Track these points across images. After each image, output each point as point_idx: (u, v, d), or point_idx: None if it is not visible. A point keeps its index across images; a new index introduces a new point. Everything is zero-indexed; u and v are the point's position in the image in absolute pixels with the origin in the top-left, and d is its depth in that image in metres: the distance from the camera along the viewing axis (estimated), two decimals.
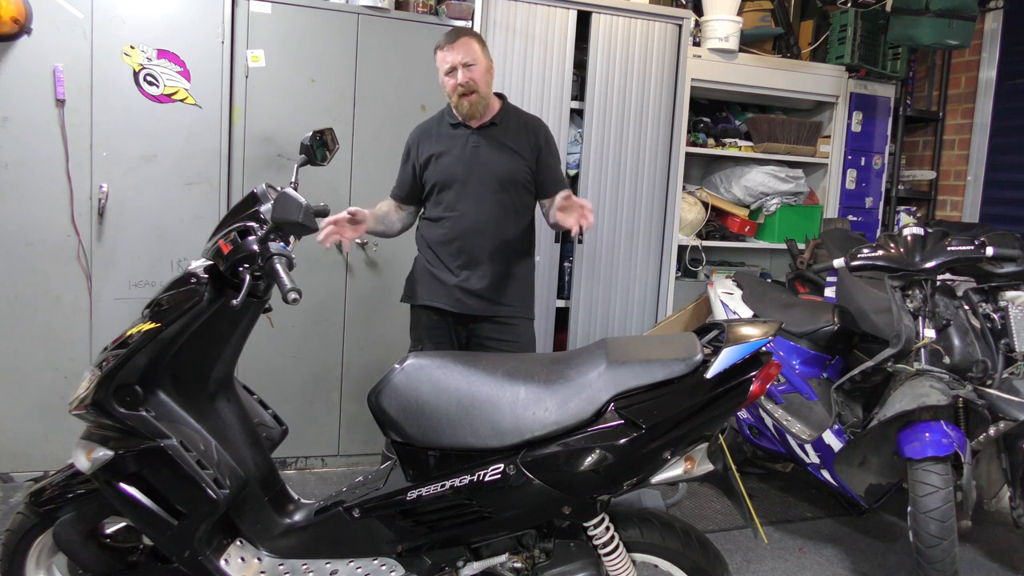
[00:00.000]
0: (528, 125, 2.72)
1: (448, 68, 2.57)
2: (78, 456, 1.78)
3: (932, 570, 2.31)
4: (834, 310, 3.13)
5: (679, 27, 3.75)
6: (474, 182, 2.63)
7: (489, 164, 2.64)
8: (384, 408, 1.73)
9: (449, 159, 2.65)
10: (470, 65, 2.55)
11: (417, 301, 2.75)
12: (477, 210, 2.63)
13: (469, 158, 2.64)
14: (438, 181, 2.66)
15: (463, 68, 2.55)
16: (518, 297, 2.74)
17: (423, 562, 1.77)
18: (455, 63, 2.55)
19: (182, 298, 1.75)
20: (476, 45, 2.60)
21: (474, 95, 2.58)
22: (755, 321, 1.79)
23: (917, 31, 3.76)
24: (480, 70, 2.58)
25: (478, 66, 2.57)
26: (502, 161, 2.64)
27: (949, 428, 2.44)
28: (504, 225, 2.67)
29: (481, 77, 2.58)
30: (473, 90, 2.57)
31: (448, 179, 2.65)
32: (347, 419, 3.46)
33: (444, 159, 2.65)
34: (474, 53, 2.57)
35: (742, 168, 4.18)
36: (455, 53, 2.55)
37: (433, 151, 2.67)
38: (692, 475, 1.69)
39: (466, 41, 2.57)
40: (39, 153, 2.93)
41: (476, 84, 2.56)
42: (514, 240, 2.71)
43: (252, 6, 3.11)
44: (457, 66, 2.55)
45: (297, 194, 1.79)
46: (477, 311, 2.67)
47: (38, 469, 2.94)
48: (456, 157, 2.64)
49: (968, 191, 4.37)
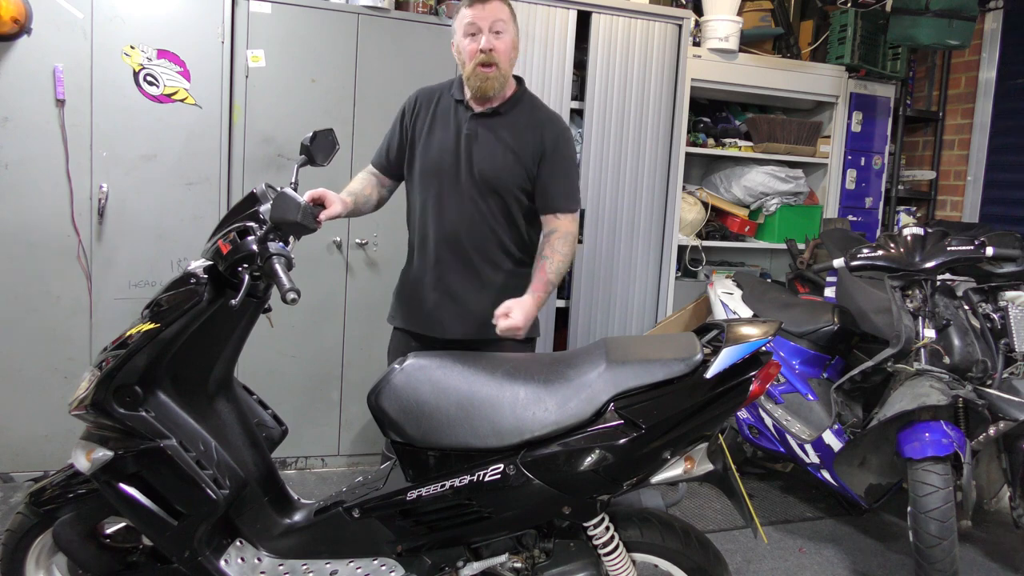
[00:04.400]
0: (538, 122, 2.26)
1: (471, 28, 2.15)
2: (78, 456, 1.78)
3: (932, 570, 2.31)
4: (834, 310, 3.13)
5: (679, 27, 3.75)
6: (460, 178, 2.23)
7: (478, 161, 2.22)
8: (384, 408, 1.73)
9: (438, 144, 2.25)
10: (499, 32, 2.14)
11: (396, 324, 2.41)
12: (460, 211, 2.24)
13: (460, 148, 2.23)
14: (423, 169, 2.28)
15: (490, 32, 2.13)
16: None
17: (423, 562, 1.77)
18: (482, 25, 2.12)
19: (182, 298, 1.75)
20: (508, 10, 2.19)
21: (494, 68, 2.14)
22: (755, 321, 1.79)
23: (917, 31, 3.76)
24: (508, 40, 2.16)
25: (507, 35, 2.16)
26: (494, 160, 2.22)
27: (949, 428, 2.44)
28: (488, 232, 2.25)
29: (507, 50, 2.16)
30: (494, 62, 2.13)
31: (433, 167, 2.26)
32: (347, 419, 3.46)
33: (434, 141, 2.26)
34: (507, 18, 2.16)
35: (742, 168, 4.18)
36: (484, 13, 2.13)
37: (425, 127, 2.28)
38: (692, 475, 1.69)
39: (498, 5, 2.15)
40: (39, 153, 2.93)
41: (499, 56, 2.14)
42: (502, 251, 2.29)
43: (252, 6, 3.11)
44: (483, 29, 2.13)
45: (296, 194, 1.79)
46: (459, 335, 2.28)
47: (38, 469, 2.94)
48: (445, 144, 2.24)
49: (968, 191, 4.37)
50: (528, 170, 2.24)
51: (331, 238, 3.29)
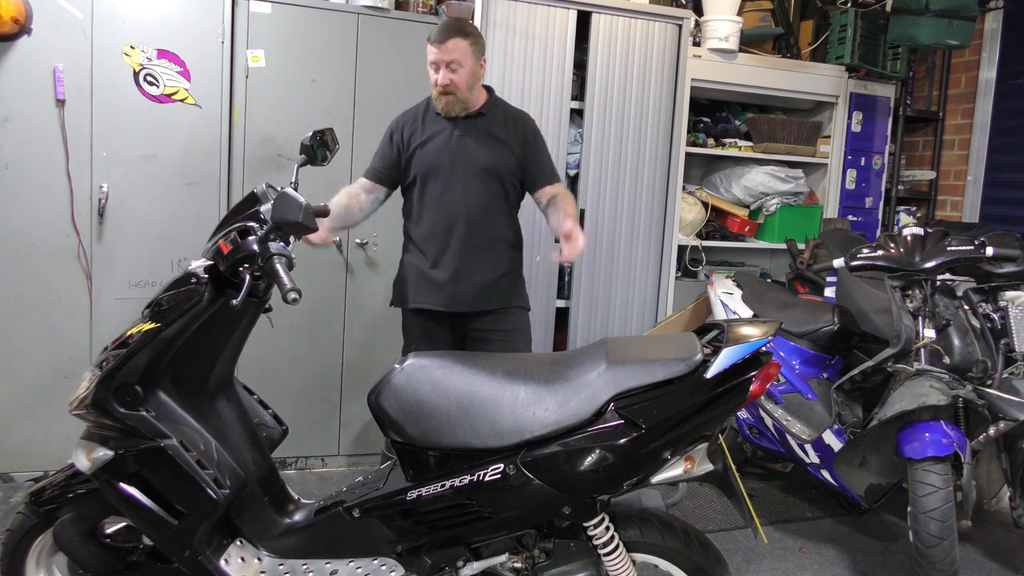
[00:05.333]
0: (515, 118, 2.69)
1: (433, 63, 2.54)
2: (78, 456, 1.78)
3: (932, 570, 2.31)
4: (834, 310, 3.13)
5: (679, 27, 3.75)
6: (459, 171, 2.59)
7: (475, 153, 2.59)
8: (384, 408, 1.73)
9: (434, 148, 2.60)
10: (454, 68, 2.51)
11: (408, 304, 2.70)
12: (465, 200, 2.59)
13: (455, 147, 2.59)
14: (422, 171, 2.61)
15: (446, 68, 2.51)
16: (510, 286, 2.71)
17: (423, 562, 1.77)
18: (439, 61, 2.52)
19: (182, 298, 1.75)
20: (466, 46, 2.53)
21: (451, 96, 2.54)
22: (755, 321, 1.79)
23: (917, 31, 3.76)
24: (464, 73, 2.53)
25: (463, 70, 2.53)
26: (488, 151, 2.60)
27: (949, 428, 2.44)
28: (491, 216, 2.63)
29: (463, 81, 2.53)
30: (452, 92, 2.53)
31: (433, 168, 2.60)
32: (347, 419, 3.46)
33: (429, 147, 2.61)
34: (461, 55, 2.52)
35: (742, 168, 4.18)
36: (441, 53, 2.50)
37: (419, 139, 2.62)
38: (692, 475, 1.69)
39: (456, 43, 2.51)
40: (39, 153, 2.93)
41: (456, 88, 2.53)
42: (502, 232, 2.67)
43: (252, 6, 3.11)
44: (441, 65, 2.52)
45: (297, 194, 1.79)
46: (471, 307, 2.64)
47: (38, 469, 2.94)
48: (441, 146, 2.60)
49: (968, 191, 4.36)
50: (517, 158, 2.65)
51: (331, 238, 3.28)
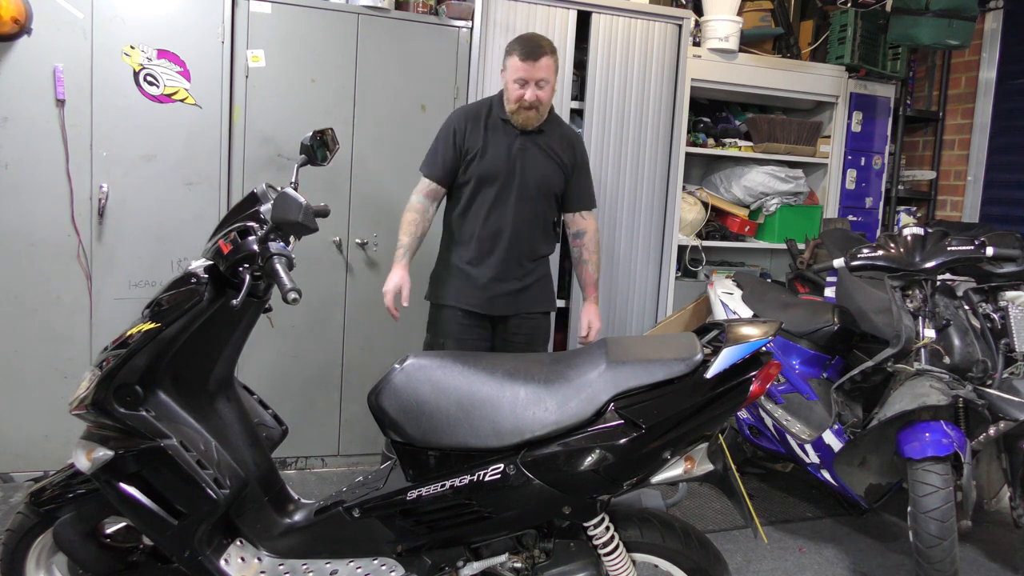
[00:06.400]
0: (570, 139, 2.78)
1: (520, 79, 2.55)
2: (78, 456, 1.78)
3: (932, 570, 2.31)
4: (834, 310, 3.13)
5: (679, 27, 3.75)
6: (515, 185, 2.66)
7: (532, 169, 2.67)
8: (384, 408, 1.73)
9: (494, 155, 2.65)
10: (542, 85, 2.56)
11: (447, 302, 2.74)
12: (516, 213, 2.67)
13: (515, 159, 2.65)
14: (481, 175, 2.66)
15: (535, 86, 2.55)
16: (543, 292, 2.82)
17: (423, 562, 1.77)
18: (530, 78, 2.54)
19: (182, 298, 1.75)
20: (553, 64, 2.59)
21: (534, 111, 2.60)
22: (755, 321, 1.79)
23: (917, 31, 3.76)
24: (549, 90, 2.60)
25: (549, 87, 2.59)
26: (544, 169, 2.69)
27: (949, 428, 2.44)
28: (535, 230, 2.73)
29: (548, 97, 2.61)
30: (536, 107, 2.59)
31: (491, 176, 2.66)
32: (347, 419, 3.46)
33: (490, 154, 2.66)
34: (548, 73, 2.57)
35: (742, 168, 4.18)
36: (534, 70, 2.53)
37: (479, 143, 2.66)
38: (692, 475, 1.69)
39: (547, 62, 2.56)
40: (39, 153, 2.93)
41: (541, 103, 2.59)
42: (543, 245, 2.78)
43: (252, 6, 3.11)
44: (531, 82, 2.55)
45: (297, 194, 1.79)
46: (507, 311, 2.74)
47: (38, 469, 2.94)
48: (502, 155, 2.65)
49: (968, 191, 4.37)
50: (566, 178, 2.75)
51: (331, 238, 3.29)
